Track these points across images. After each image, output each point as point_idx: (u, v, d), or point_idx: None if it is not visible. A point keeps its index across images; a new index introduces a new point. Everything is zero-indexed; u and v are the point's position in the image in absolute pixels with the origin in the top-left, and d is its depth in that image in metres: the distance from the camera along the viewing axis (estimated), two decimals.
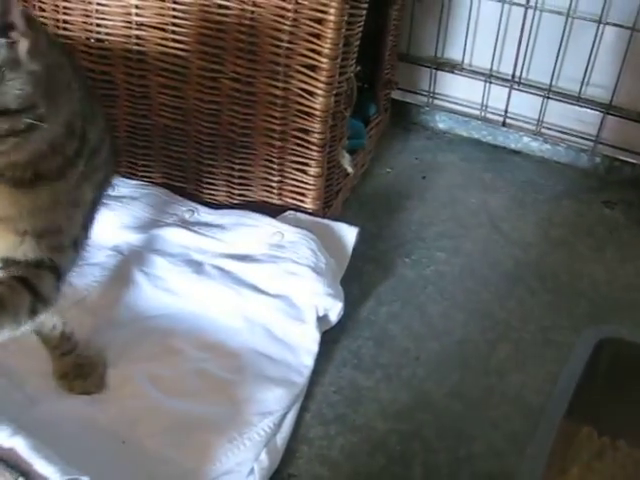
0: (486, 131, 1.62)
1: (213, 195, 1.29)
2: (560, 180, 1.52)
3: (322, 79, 1.12)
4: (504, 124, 1.60)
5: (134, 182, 1.28)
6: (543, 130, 1.57)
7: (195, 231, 1.19)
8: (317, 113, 1.15)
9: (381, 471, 0.95)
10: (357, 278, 1.22)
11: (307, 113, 1.15)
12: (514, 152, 1.60)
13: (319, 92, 1.13)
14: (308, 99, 1.14)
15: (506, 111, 1.59)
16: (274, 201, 1.26)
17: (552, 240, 1.36)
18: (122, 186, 1.25)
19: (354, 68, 1.21)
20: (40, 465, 0.74)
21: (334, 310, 1.09)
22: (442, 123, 1.66)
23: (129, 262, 1.16)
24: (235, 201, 1.28)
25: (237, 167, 1.24)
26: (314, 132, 1.17)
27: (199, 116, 1.21)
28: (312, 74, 1.12)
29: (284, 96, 1.15)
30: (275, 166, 1.22)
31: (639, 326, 1.16)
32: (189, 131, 1.24)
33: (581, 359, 0.81)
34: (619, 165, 1.52)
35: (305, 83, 1.13)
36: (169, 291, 1.12)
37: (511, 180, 1.51)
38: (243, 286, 1.11)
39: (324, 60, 1.10)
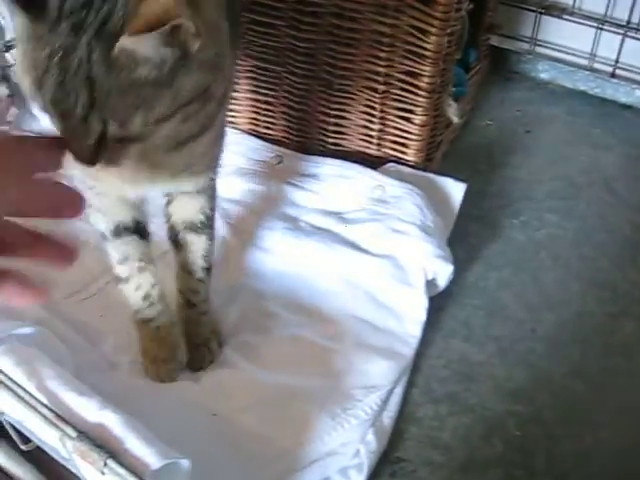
0: (594, 83, 1.48)
1: (303, 144, 1.18)
2: None
3: (438, 15, 0.99)
4: (613, 75, 1.45)
5: None
6: None
7: (287, 181, 1.08)
8: (428, 54, 1.02)
9: (500, 459, 0.84)
10: (462, 239, 1.10)
11: (417, 54, 1.03)
12: (624, 106, 1.45)
13: (433, 30, 1.00)
14: (420, 38, 1.01)
15: (617, 61, 1.43)
16: (372, 152, 1.14)
17: None
18: None
19: (467, 5, 1.08)
20: (134, 444, 0.62)
21: (443, 274, 0.98)
22: (545, 73, 1.51)
23: None
24: (328, 151, 1.16)
25: (333, 113, 1.13)
26: (424, 76, 1.04)
27: (292, 56, 1.10)
28: (426, 9, 0.99)
29: (392, 34, 1.02)
30: (376, 113, 1.10)
31: None
32: (280, 72, 1.13)
33: None
34: None
35: (417, 20, 1.00)
36: (260, 248, 1.01)
37: (623, 137, 1.37)
38: (342, 244, 1.00)
39: None
